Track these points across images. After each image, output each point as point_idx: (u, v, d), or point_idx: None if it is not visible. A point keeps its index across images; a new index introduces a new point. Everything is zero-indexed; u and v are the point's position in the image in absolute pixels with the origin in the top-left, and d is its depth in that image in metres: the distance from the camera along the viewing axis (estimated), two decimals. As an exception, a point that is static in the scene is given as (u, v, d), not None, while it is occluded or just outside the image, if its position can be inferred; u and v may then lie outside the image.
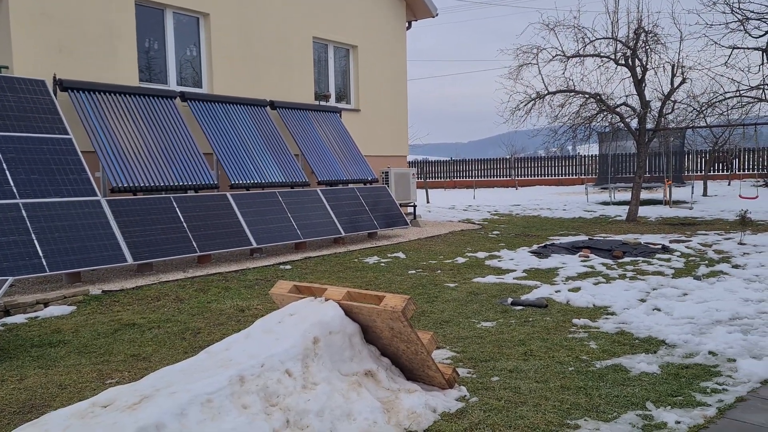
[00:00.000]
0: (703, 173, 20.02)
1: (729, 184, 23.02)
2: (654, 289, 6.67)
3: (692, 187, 17.59)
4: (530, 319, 5.56)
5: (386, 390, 3.59)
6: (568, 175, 30.33)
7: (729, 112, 14.78)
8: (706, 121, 15.59)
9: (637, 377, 3.99)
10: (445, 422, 3.35)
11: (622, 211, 16.16)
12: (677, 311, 5.58)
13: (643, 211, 15.57)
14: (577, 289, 6.71)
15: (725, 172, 24.22)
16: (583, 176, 28.51)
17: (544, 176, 31.13)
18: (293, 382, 3.25)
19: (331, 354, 3.58)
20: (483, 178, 32.19)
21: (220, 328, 5.49)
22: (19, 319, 5.80)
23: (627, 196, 20.75)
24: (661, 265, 8.10)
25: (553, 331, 5.17)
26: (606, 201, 19.12)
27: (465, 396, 3.70)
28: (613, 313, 5.71)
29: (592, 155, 28.54)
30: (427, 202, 21.49)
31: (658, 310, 5.76)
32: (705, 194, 19.64)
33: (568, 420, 3.34)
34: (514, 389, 3.79)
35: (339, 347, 3.64)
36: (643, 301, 6.15)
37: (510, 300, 6.26)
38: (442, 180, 33.60)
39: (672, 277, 7.31)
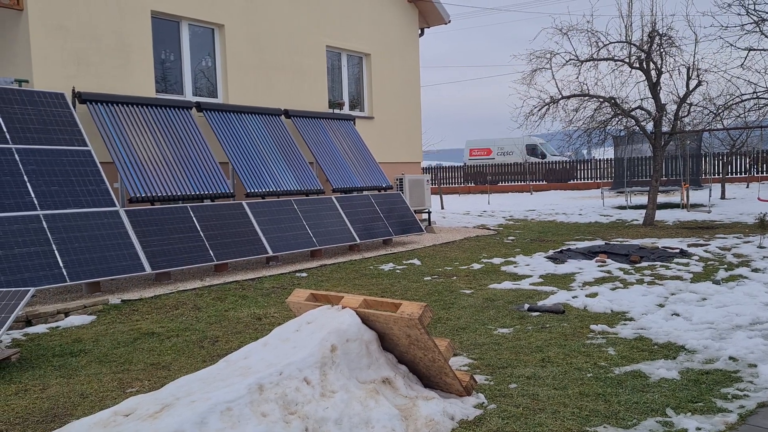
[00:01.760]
0: (720, 176, 19.84)
1: (747, 187, 22.78)
2: (672, 294, 6.62)
3: (710, 190, 17.41)
4: (547, 325, 5.54)
5: (404, 397, 3.60)
6: (584, 180, 30.16)
7: (746, 114, 14.65)
8: (723, 124, 15.47)
9: (657, 383, 3.96)
10: (463, 429, 3.35)
11: (638, 215, 16.04)
12: (696, 316, 5.53)
13: (660, 214, 15.44)
14: (594, 295, 6.67)
15: (744, 174, 23.97)
16: (598, 180, 28.33)
17: (558, 181, 30.97)
18: (311, 390, 3.27)
19: (349, 362, 3.60)
20: (497, 184, 32.10)
21: (238, 336, 5.53)
22: (40, 329, 5.89)
23: (643, 199, 20.61)
24: (679, 270, 8.03)
25: (571, 337, 5.14)
26: (622, 205, 18.99)
27: (483, 403, 3.70)
28: (631, 319, 5.67)
29: (606, 159, 28.37)
30: (441, 208, 21.47)
31: (677, 315, 5.71)
32: (723, 197, 19.45)
33: (587, 427, 3.32)
34: (532, 396, 3.78)
35: (356, 355, 3.65)
36: (661, 306, 6.11)
37: (527, 306, 6.25)
38: (456, 186, 33.55)
39: (691, 282, 7.25)
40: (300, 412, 3.13)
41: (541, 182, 31.60)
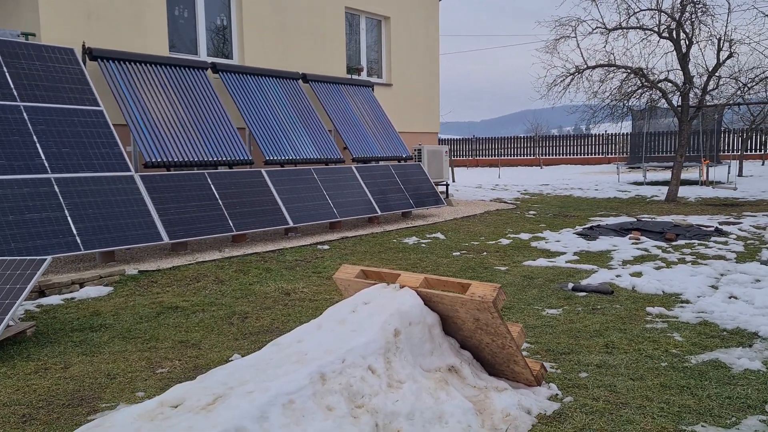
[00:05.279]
0: (739, 153, 19.38)
1: (763, 164, 22.35)
2: (722, 275, 6.26)
3: (729, 166, 17.00)
4: (598, 307, 5.18)
5: (473, 388, 3.25)
6: (594, 154, 29.68)
7: (767, 89, 14.19)
8: (743, 99, 14.99)
9: (742, 375, 3.61)
10: (544, 426, 2.99)
11: (657, 191, 15.66)
12: (759, 299, 5.17)
13: (681, 191, 15.05)
14: (639, 274, 6.31)
15: (760, 152, 23.51)
16: (610, 155, 27.86)
17: (570, 155, 30.49)
18: (378, 380, 2.90)
19: (411, 347, 3.23)
20: (506, 157, 31.61)
21: (268, 313, 5.17)
22: (54, 300, 5.52)
23: (659, 176, 20.19)
24: (719, 249, 7.66)
25: (628, 320, 4.79)
26: (638, 181, 18.59)
27: (557, 395, 3.34)
28: (687, 301, 5.31)
29: (618, 134, 27.84)
30: (453, 181, 21.05)
31: (735, 298, 5.35)
32: (740, 174, 19.04)
33: (683, 426, 2.97)
34: (609, 387, 3.43)
35: (419, 340, 3.28)
36: (714, 288, 5.75)
37: (571, 285, 5.88)
38: (465, 158, 33.05)
39: (736, 262, 6.89)
40: (368, 406, 2.76)
41: (550, 156, 31.11)
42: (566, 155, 30.75)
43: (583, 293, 5.68)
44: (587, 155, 29.93)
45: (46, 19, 7.90)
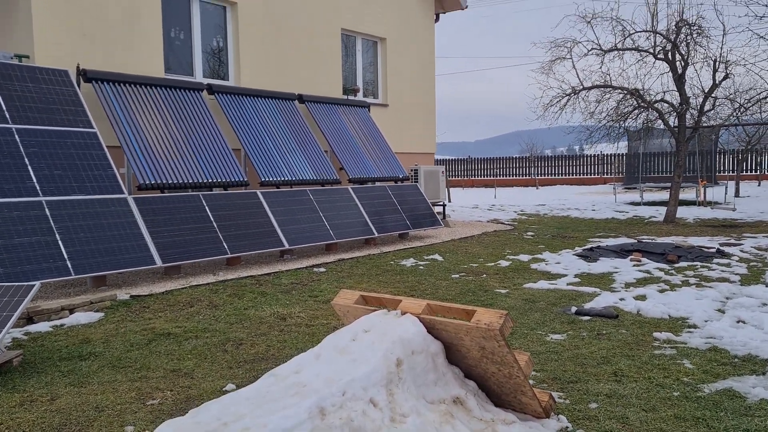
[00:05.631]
0: (735, 173, 19.39)
1: (759, 185, 22.37)
2: (728, 298, 6.14)
3: (726, 187, 16.96)
4: (603, 332, 5.04)
5: (479, 420, 3.09)
6: (589, 175, 29.69)
7: (761, 109, 14.20)
8: (739, 120, 15.00)
9: (758, 405, 3.47)
10: (556, 462, 2.84)
11: (655, 212, 15.60)
12: (767, 324, 5.04)
13: (679, 212, 14.98)
14: (643, 297, 6.18)
15: (756, 172, 23.54)
16: (605, 176, 27.87)
17: (565, 175, 30.50)
18: (380, 414, 2.75)
19: (414, 377, 3.09)
20: (501, 177, 31.60)
21: (264, 339, 5.00)
22: (43, 327, 5.34)
23: (655, 196, 20.14)
24: (723, 271, 7.55)
25: (635, 346, 4.65)
26: (635, 201, 18.54)
27: (567, 428, 3.19)
28: (694, 326, 5.18)
29: (614, 154, 27.89)
30: (449, 201, 20.96)
31: (744, 322, 5.22)
32: (737, 195, 19.02)
33: (701, 461, 2.83)
34: (621, 419, 3.28)
35: (422, 369, 3.14)
36: (721, 312, 5.62)
37: (574, 309, 5.75)
38: (460, 179, 33.03)
39: (741, 285, 6.77)
40: (370, 443, 2.61)
41: (546, 176, 31.12)
42: (562, 175, 30.76)
43: (587, 317, 5.54)
44: (583, 175, 29.94)
45: (41, 40, 7.82)
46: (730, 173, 22.65)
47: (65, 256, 6.15)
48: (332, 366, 3.00)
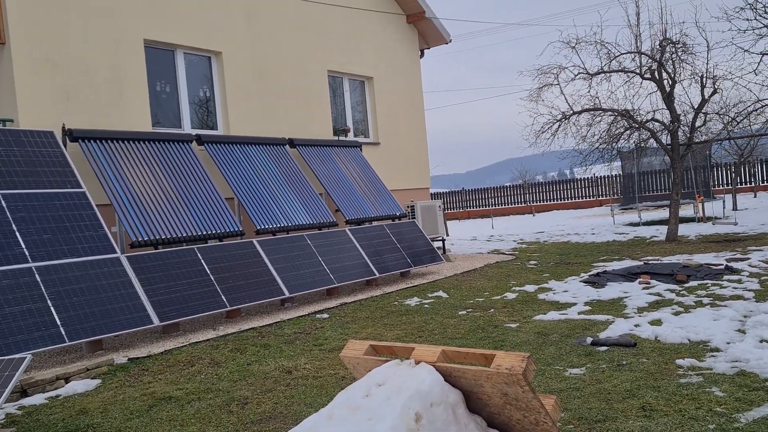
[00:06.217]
0: (731, 187, 19.35)
1: (755, 196, 22.34)
2: (746, 317, 5.94)
3: (724, 201, 16.88)
4: (624, 362, 4.82)
5: (508, 475, 2.87)
6: (584, 198, 29.66)
7: (751, 122, 14.20)
8: (729, 134, 14.99)
9: (802, 433, 3.25)
10: None
11: (655, 231, 15.46)
12: (793, 342, 4.84)
13: (680, 229, 14.84)
14: (659, 322, 5.98)
15: (751, 184, 23.55)
16: (600, 198, 27.83)
17: (560, 200, 30.46)
18: (402, 479, 2.53)
19: (435, 431, 2.87)
20: (497, 207, 31.54)
21: (270, 396, 4.76)
22: (38, 399, 5.09)
23: (653, 215, 20.04)
24: (735, 288, 7.37)
25: (659, 376, 4.43)
26: (634, 222, 18.42)
27: (603, 474, 2.97)
28: (717, 349, 4.97)
29: (607, 175, 27.91)
30: (447, 234, 20.81)
31: (767, 342, 5.02)
32: (735, 208, 18.94)
33: (754, 503, 2.60)
34: (659, 460, 3.06)
35: (443, 422, 2.92)
36: (742, 332, 5.41)
37: (590, 339, 5.53)
38: (456, 211, 32.96)
39: (756, 301, 6.58)
40: None
41: (541, 203, 31.08)
42: (557, 200, 30.72)
43: (604, 347, 5.33)
44: (578, 199, 29.91)
45: (24, 103, 7.72)
46: (726, 186, 22.63)
47: (58, 322, 5.93)
48: (347, 427, 2.78)
